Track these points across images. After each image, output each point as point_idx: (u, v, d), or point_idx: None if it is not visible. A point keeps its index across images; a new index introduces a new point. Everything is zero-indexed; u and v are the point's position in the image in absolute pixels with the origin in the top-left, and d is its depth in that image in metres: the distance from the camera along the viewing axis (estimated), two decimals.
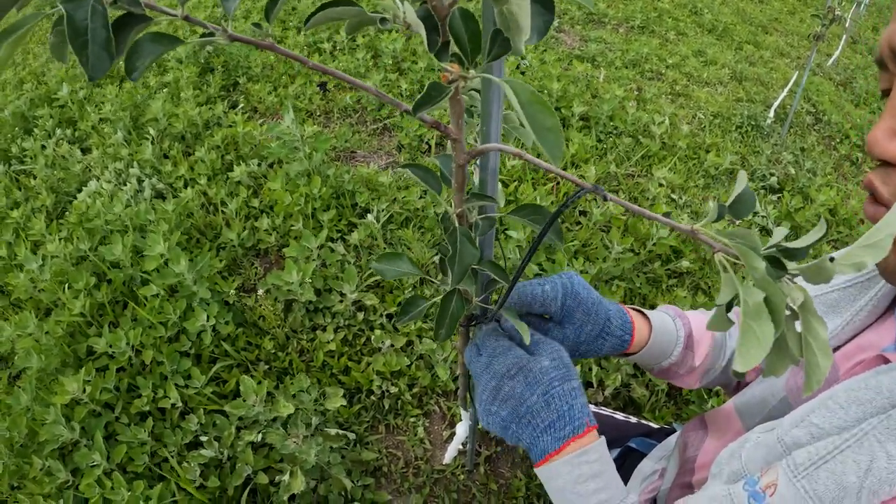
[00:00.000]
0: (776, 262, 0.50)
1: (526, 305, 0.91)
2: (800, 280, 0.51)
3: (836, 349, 0.83)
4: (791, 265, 0.50)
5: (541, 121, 0.47)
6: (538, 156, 2.87)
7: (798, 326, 0.51)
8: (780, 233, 0.52)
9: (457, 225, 0.72)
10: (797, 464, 0.67)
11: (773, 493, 0.68)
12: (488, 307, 0.90)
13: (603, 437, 0.83)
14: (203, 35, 0.51)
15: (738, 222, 2.71)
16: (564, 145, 2.46)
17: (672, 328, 1.04)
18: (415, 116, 0.52)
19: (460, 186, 0.69)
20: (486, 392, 0.84)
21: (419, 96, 0.50)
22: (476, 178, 0.79)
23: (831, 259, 0.47)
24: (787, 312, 0.50)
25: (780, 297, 0.48)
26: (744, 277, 0.50)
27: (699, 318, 1.09)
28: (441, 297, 0.76)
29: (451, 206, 0.73)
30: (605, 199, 0.57)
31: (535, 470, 0.83)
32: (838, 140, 4.02)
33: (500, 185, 0.87)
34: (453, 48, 0.50)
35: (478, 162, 0.76)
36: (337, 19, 0.55)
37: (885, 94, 0.70)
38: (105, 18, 0.40)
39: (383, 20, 0.52)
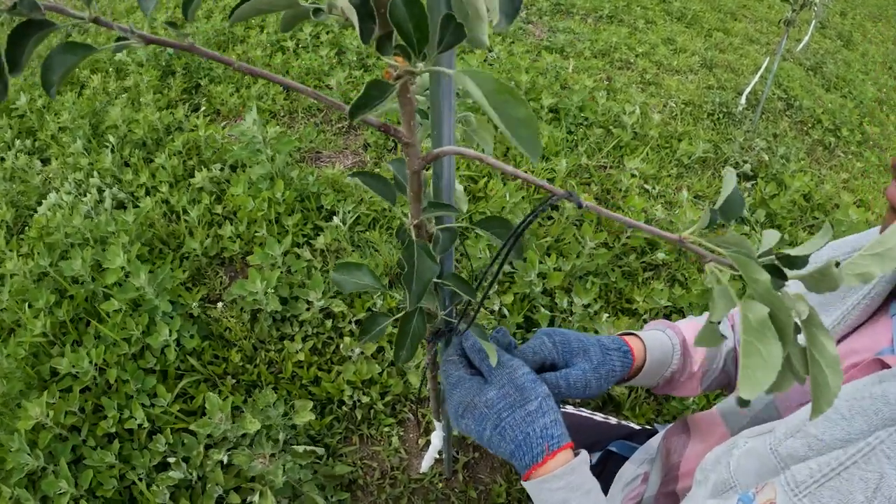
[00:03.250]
0: (776, 272, 0.45)
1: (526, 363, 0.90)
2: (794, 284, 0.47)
3: None
4: (791, 273, 0.46)
5: (511, 112, 0.40)
6: (506, 154, 2.81)
7: (801, 340, 0.46)
8: (771, 236, 0.48)
9: (414, 238, 0.67)
10: (798, 481, 0.63)
11: None
12: (453, 321, 0.85)
13: (576, 459, 0.78)
14: (118, 39, 0.45)
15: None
16: (541, 138, 2.40)
17: (664, 337, 1.02)
18: (352, 121, 0.47)
19: (416, 195, 0.64)
20: (453, 425, 0.84)
21: (357, 97, 0.44)
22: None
23: (837, 264, 0.43)
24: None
25: (785, 311, 0.43)
26: (742, 288, 0.45)
27: (688, 326, 1.08)
28: (400, 316, 0.71)
29: (407, 216, 0.68)
30: (579, 206, 0.52)
31: None
32: (810, 125, 4.01)
33: (460, 186, 0.82)
34: (397, 39, 0.44)
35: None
36: (266, 11, 0.48)
37: None
38: None
39: (317, 11, 0.46)
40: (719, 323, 0.49)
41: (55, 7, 0.42)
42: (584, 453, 0.79)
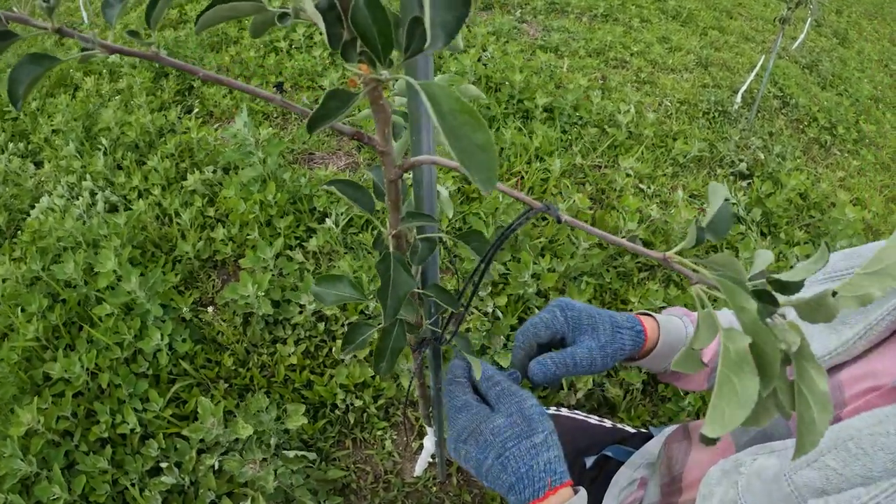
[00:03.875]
0: (766, 297, 0.42)
1: (536, 338, 0.89)
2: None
3: (841, 366, 0.76)
4: (783, 299, 0.42)
5: (467, 135, 0.36)
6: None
7: (789, 372, 0.42)
8: (763, 257, 0.45)
9: (391, 249, 0.65)
10: None
11: None
12: (438, 330, 0.83)
13: (575, 498, 0.75)
14: (83, 49, 0.44)
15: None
16: (498, 167, 2.36)
17: (680, 324, 1.00)
18: (311, 133, 0.44)
19: (394, 204, 0.62)
20: (451, 449, 0.81)
21: (316, 108, 0.41)
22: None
23: (834, 294, 0.40)
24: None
25: (772, 345, 0.39)
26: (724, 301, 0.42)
27: None
28: (380, 328, 0.69)
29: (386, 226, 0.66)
30: (559, 220, 0.51)
31: None
32: (806, 123, 4.00)
33: (445, 191, 0.80)
34: (361, 46, 0.41)
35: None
36: (231, 18, 0.46)
37: None
38: None
39: (283, 16, 0.44)
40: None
41: (18, 17, 0.41)
42: (582, 492, 0.76)
